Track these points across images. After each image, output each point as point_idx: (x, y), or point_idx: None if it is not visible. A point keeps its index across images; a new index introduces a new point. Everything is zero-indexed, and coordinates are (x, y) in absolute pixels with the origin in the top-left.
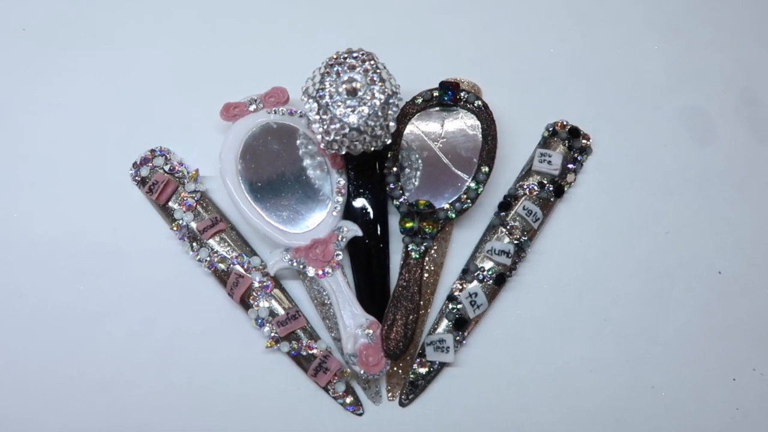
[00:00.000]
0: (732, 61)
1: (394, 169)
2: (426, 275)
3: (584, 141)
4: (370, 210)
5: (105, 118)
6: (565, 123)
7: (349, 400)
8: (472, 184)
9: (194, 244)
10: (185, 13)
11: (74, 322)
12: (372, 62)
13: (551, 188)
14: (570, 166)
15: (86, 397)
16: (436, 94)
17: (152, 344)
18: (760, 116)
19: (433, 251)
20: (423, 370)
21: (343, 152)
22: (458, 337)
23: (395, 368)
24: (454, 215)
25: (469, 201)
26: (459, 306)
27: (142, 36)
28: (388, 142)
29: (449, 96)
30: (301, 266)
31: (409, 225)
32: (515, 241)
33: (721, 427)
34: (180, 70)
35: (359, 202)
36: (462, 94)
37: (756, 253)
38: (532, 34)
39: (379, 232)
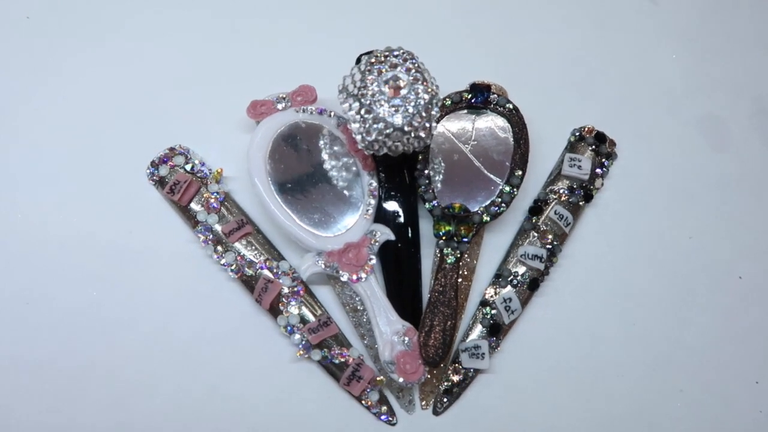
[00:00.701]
0: (743, 71)
1: (426, 171)
2: (459, 280)
3: (609, 147)
4: (401, 213)
5: (117, 115)
6: (591, 128)
7: (383, 409)
8: (507, 188)
9: (218, 247)
10: (203, 7)
11: (88, 330)
12: (413, 61)
13: (581, 193)
14: (597, 171)
15: (104, 407)
16: (465, 96)
17: (173, 354)
18: None
19: (466, 255)
20: (457, 378)
21: (383, 153)
22: (492, 343)
23: (428, 376)
24: (488, 219)
25: (504, 205)
26: (493, 312)
27: (157, 29)
28: (429, 143)
29: (480, 98)
30: (335, 271)
31: (446, 229)
32: (548, 246)
33: (745, 428)
34: (196, 66)
35: (390, 205)
36: (492, 96)
37: None
38: (552, 41)
39: (410, 236)
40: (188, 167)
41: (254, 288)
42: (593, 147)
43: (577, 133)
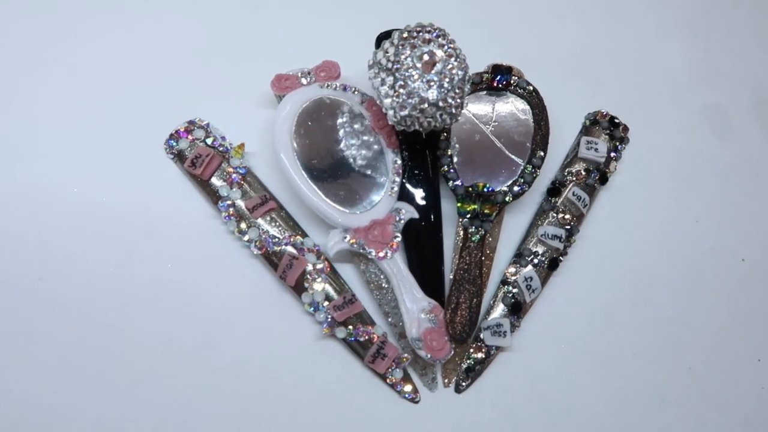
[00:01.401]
0: (744, 63)
1: (449, 151)
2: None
3: (623, 131)
4: (423, 192)
5: (133, 87)
6: (605, 113)
7: (408, 387)
8: (529, 168)
9: (242, 224)
10: None
11: (104, 308)
12: (445, 37)
13: (596, 175)
14: (612, 154)
15: (121, 386)
16: (484, 77)
17: (193, 332)
18: None
19: (488, 234)
20: (479, 355)
21: (413, 129)
22: (513, 321)
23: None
24: (511, 198)
25: (526, 185)
26: (514, 290)
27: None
28: (459, 120)
29: (502, 79)
30: (361, 248)
31: (471, 207)
32: (566, 226)
33: (749, 404)
34: (213, 40)
35: (413, 184)
36: (513, 78)
37: None
38: (561, 29)
39: (432, 215)
40: (209, 141)
41: (277, 265)
42: (607, 131)
43: (592, 117)
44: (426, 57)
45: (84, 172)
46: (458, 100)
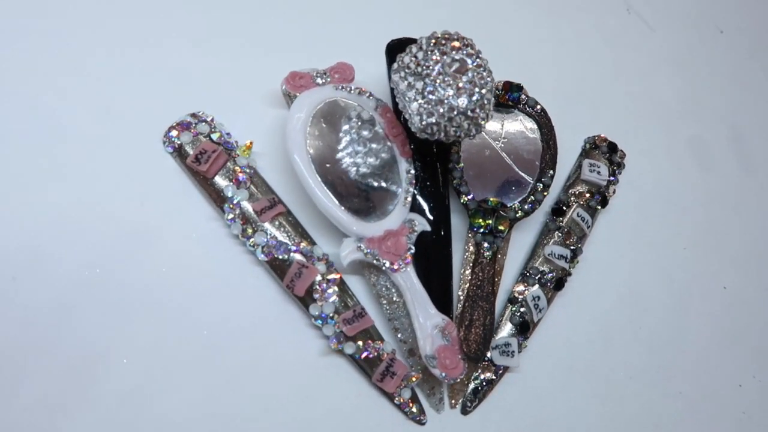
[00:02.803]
0: (722, 101)
1: (460, 164)
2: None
3: (620, 156)
4: (434, 205)
5: (128, 77)
6: (604, 137)
7: (415, 408)
8: (540, 186)
9: (247, 227)
10: None
11: (91, 317)
12: (473, 47)
13: (598, 198)
14: (611, 178)
15: (113, 403)
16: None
17: (190, 345)
18: (745, 150)
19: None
20: (486, 376)
21: (436, 137)
22: (520, 341)
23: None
24: (522, 215)
25: (537, 203)
26: (522, 309)
27: None
28: (482, 132)
29: (513, 97)
30: (375, 259)
31: (486, 223)
32: (571, 247)
33: (731, 428)
34: (218, 34)
35: (423, 196)
36: (523, 96)
37: (752, 270)
38: (557, 57)
39: (442, 229)
40: (215, 137)
41: (284, 273)
42: (606, 155)
43: (591, 142)
44: (457, 64)
45: (73, 164)
46: (486, 112)
